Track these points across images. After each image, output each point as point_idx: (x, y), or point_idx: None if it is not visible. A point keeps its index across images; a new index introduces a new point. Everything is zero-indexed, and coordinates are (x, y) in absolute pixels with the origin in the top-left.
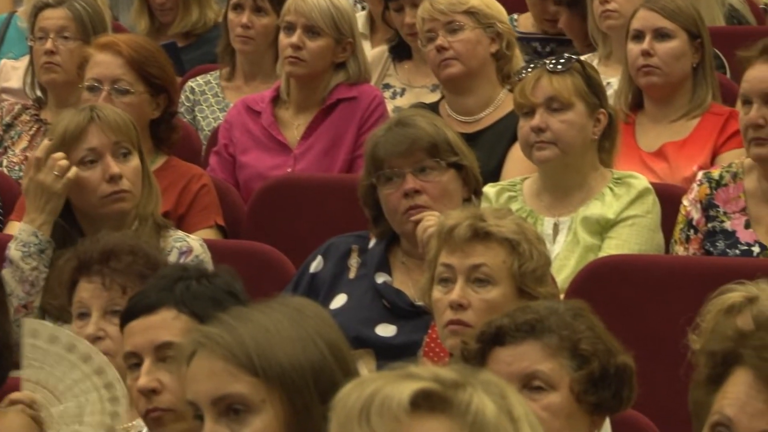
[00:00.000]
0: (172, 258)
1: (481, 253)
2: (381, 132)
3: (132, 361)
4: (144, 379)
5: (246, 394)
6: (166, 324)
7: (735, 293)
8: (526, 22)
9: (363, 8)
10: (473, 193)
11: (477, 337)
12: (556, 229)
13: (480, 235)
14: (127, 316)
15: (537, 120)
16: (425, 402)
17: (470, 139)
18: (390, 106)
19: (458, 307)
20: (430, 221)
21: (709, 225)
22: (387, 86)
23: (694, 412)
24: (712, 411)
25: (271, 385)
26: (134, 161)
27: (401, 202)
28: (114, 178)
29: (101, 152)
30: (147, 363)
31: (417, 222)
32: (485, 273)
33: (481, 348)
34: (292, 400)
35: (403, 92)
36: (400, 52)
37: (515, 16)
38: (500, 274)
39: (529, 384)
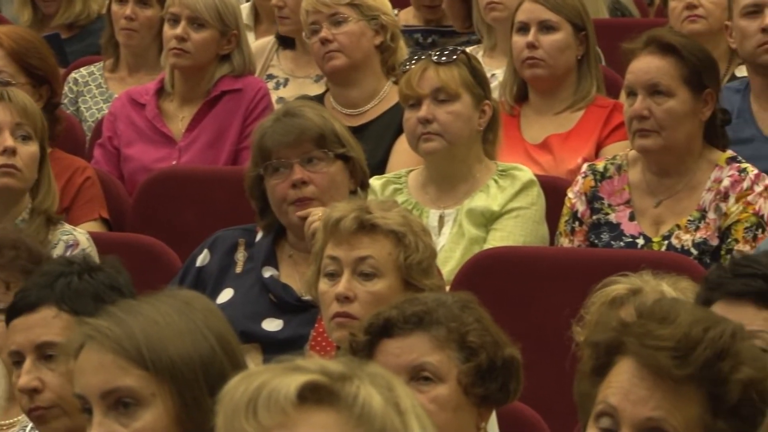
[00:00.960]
0: (59, 251)
1: (367, 245)
2: (268, 123)
3: (15, 359)
4: (24, 379)
5: (136, 387)
6: (46, 323)
7: (619, 285)
8: (407, 16)
9: (246, 0)
10: (360, 185)
11: (365, 328)
12: (441, 221)
13: (366, 227)
14: (10, 314)
15: (424, 111)
16: (312, 395)
17: (356, 131)
18: (274, 96)
19: (344, 299)
20: (316, 215)
21: (594, 217)
22: (271, 76)
23: (580, 404)
24: (596, 401)
25: (161, 378)
26: (32, 147)
27: (288, 193)
28: (7, 151)
29: (0, 127)
30: (28, 362)
31: (304, 216)
32: (371, 265)
33: (369, 340)
34: (182, 393)
35: (286, 82)
36: (285, 41)
37: (396, 11)
38: (386, 267)
39: (417, 376)
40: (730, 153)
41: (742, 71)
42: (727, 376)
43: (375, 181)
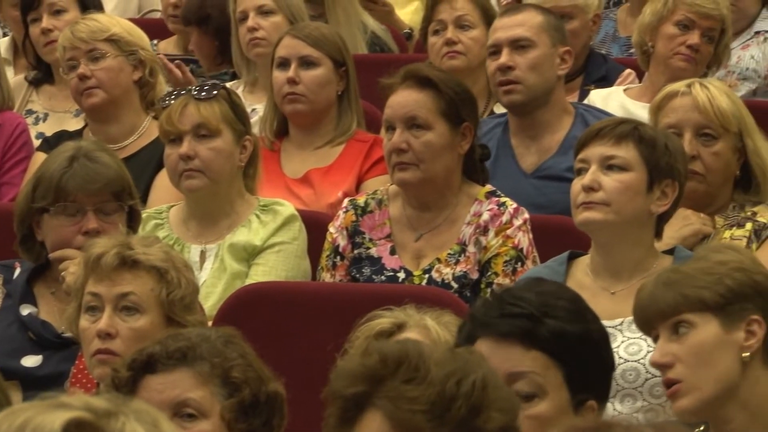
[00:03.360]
0: None
1: (128, 281)
2: (63, 161)
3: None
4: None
5: None
6: None
7: (383, 320)
8: (167, 46)
9: (5, 34)
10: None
11: (128, 364)
12: (203, 256)
13: (127, 263)
14: None
15: (185, 148)
16: (78, 431)
17: None
18: (33, 131)
19: (106, 336)
20: (72, 269)
21: (355, 251)
22: (30, 112)
23: None
24: None
25: None
26: None
27: (76, 238)
28: None
29: None
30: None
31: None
32: (133, 301)
33: (132, 376)
34: None
35: (46, 117)
36: (42, 77)
37: (155, 41)
38: (148, 302)
39: (180, 412)
40: (489, 187)
41: (501, 107)
42: (481, 427)
43: None
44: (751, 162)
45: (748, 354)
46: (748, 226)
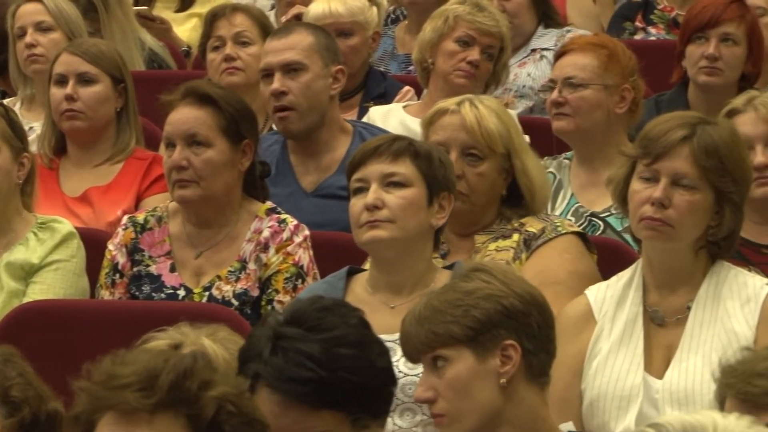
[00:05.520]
0: None
1: None
2: None
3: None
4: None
5: None
6: None
7: (161, 341)
8: None
9: None
10: None
11: None
12: None
13: None
14: None
15: None
16: None
17: None
18: None
19: None
20: None
21: (135, 269)
22: None
23: None
24: None
25: None
26: None
27: None
28: None
29: None
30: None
31: None
32: None
33: None
34: None
35: None
36: None
37: None
38: None
39: None
40: (269, 204)
41: None
42: (197, 393)
43: None
44: (519, 182)
45: (505, 380)
46: (516, 237)
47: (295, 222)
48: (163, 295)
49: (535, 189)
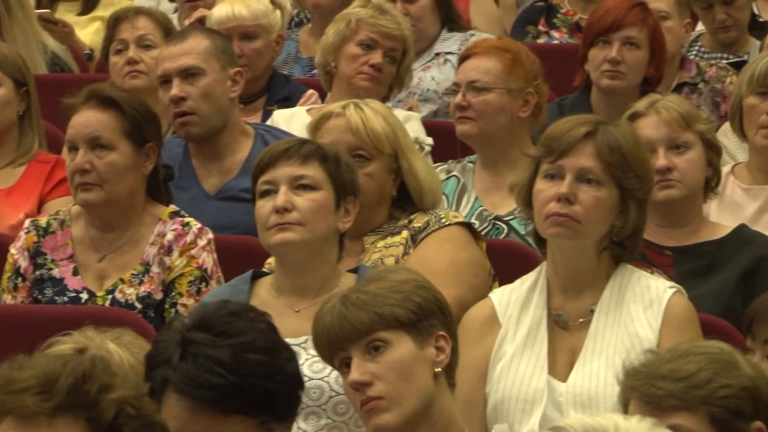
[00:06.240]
0: None
1: None
2: None
3: None
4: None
5: None
6: None
7: (66, 345)
8: None
9: None
10: None
11: None
12: None
13: None
14: None
15: None
16: None
17: None
18: None
19: None
20: None
21: (37, 273)
22: None
23: None
24: None
25: None
26: None
27: None
28: None
29: None
30: None
31: None
32: None
33: None
34: None
35: None
36: None
37: None
38: None
39: None
40: (173, 207)
41: None
42: (96, 397)
43: None
44: (407, 183)
45: (440, 369)
46: (404, 233)
47: (199, 225)
48: (65, 298)
49: (424, 190)
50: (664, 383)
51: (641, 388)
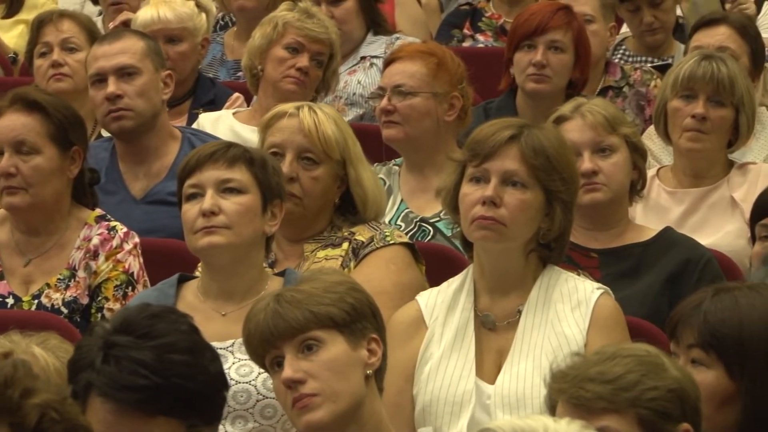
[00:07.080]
0: None
1: None
2: None
3: None
4: None
5: None
6: None
7: None
8: None
9: None
10: None
11: None
12: None
13: None
14: None
15: None
16: None
17: None
18: None
19: None
20: None
21: None
22: None
23: None
24: None
25: None
26: None
27: None
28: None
29: None
30: None
31: None
32: None
33: None
34: None
35: None
36: None
37: None
38: None
39: None
40: (99, 211)
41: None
42: (19, 402)
43: None
44: (353, 191)
45: (371, 372)
46: (345, 245)
47: (125, 229)
48: None
49: (368, 199)
50: (592, 385)
51: (569, 390)
